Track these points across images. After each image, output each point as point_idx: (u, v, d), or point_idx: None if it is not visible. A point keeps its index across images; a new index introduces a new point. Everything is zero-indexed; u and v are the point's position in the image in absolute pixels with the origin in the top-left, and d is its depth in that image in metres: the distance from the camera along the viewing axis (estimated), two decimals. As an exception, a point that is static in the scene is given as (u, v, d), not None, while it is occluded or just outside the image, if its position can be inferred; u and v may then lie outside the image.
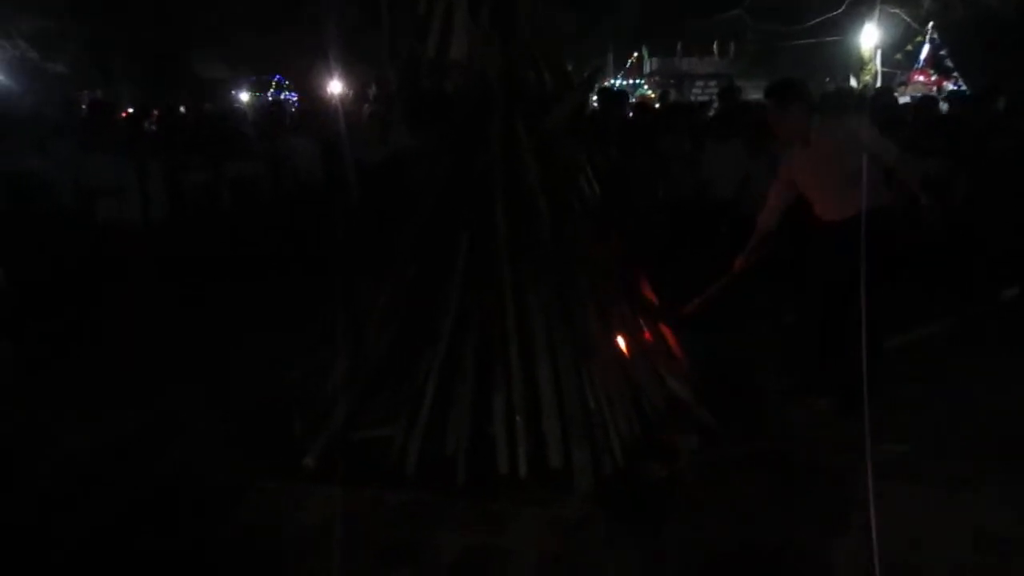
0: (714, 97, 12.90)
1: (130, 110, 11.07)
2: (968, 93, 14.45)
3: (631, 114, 8.46)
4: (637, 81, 26.62)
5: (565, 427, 3.77)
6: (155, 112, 9.67)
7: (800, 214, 4.75)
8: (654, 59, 28.28)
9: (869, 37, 20.72)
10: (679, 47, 28.07)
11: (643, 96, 18.79)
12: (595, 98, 9.10)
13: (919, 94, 13.26)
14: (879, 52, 20.64)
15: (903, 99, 13.61)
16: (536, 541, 3.34)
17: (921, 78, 19.71)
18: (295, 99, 16.78)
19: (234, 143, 7.53)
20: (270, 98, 18.42)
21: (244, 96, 18.90)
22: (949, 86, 18.51)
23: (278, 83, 20.68)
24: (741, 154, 6.96)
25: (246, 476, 3.85)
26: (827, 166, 4.41)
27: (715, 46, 27.69)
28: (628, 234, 4.48)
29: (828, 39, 21.10)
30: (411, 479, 3.75)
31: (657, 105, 11.11)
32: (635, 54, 27.82)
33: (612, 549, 3.28)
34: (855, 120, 4.61)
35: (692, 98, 20.42)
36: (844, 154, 4.34)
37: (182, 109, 11.70)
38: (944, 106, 8.92)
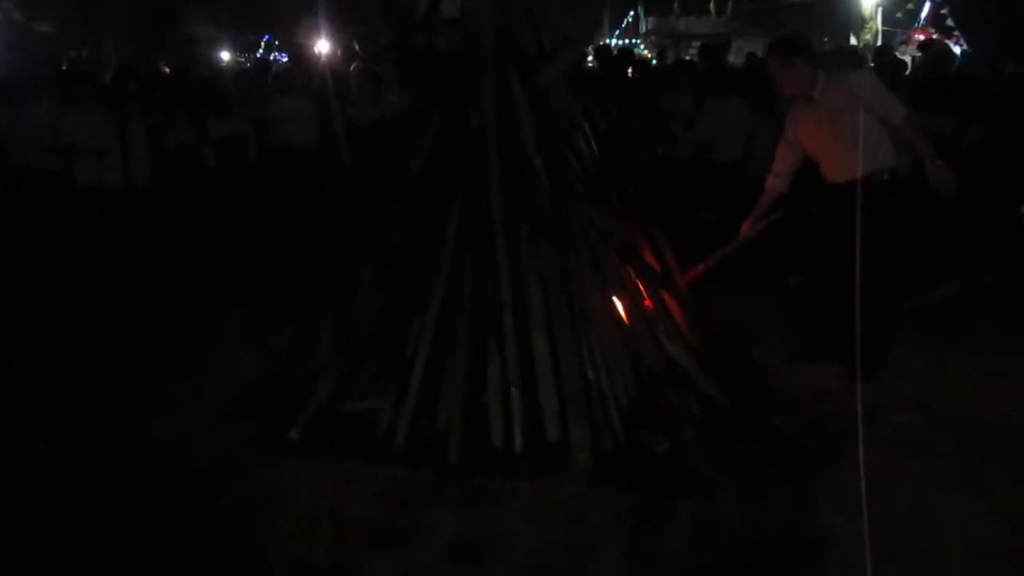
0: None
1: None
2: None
3: (630, 72, 8.23)
4: (633, 41, 26.20)
5: (563, 399, 3.60)
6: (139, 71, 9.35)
7: (808, 176, 4.56)
8: (650, 18, 27.84)
9: (871, -6, 20.34)
10: (676, 6, 27.60)
11: (640, 55, 18.40)
12: (591, 57, 8.82)
13: (919, 54, 12.95)
14: (880, 10, 20.24)
15: (903, 58, 13.31)
16: (534, 520, 3.17)
17: (921, 37, 19.32)
18: (284, 59, 16.36)
19: (218, 103, 7.25)
20: (259, 57, 17.98)
21: (226, 55, 18.44)
22: (952, 46, 18.19)
23: (267, 43, 20.22)
24: (744, 113, 6.75)
25: (229, 451, 3.68)
26: (831, 124, 4.22)
27: (712, 5, 27.24)
28: (627, 195, 4.28)
29: (829, -4, 20.74)
30: (401, 455, 3.58)
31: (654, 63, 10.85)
32: (632, 13, 27.39)
33: (613, 528, 3.12)
34: (860, 76, 4.37)
35: (688, 58, 20.07)
36: (848, 111, 4.15)
37: (166, 69, 11.35)
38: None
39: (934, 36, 18.73)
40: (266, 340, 4.80)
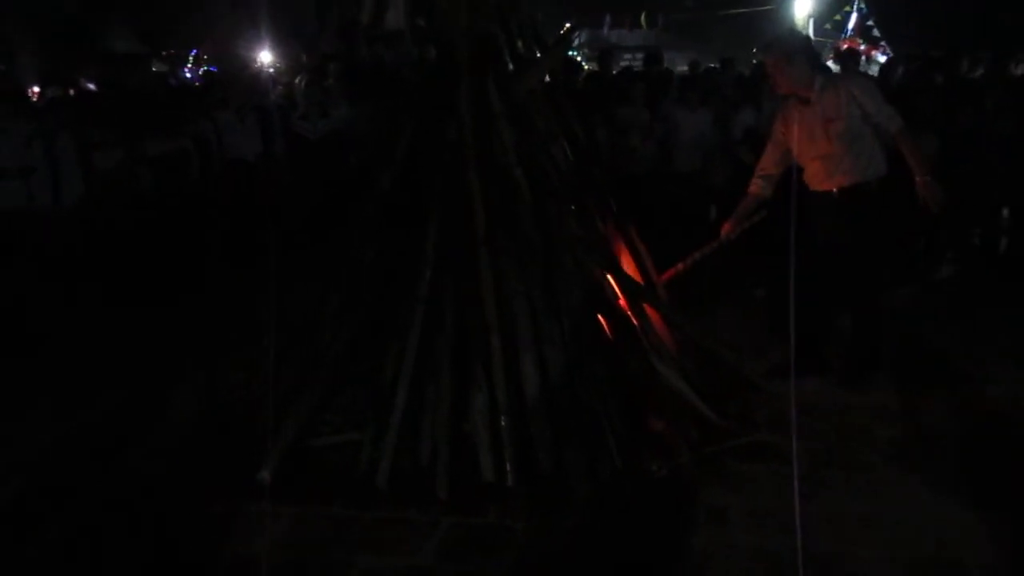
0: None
1: (36, 88, 10.23)
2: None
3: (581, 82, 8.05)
4: (570, 53, 26.31)
5: (555, 427, 3.38)
6: (64, 87, 8.87)
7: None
8: (583, 31, 27.98)
9: (802, 7, 20.72)
10: (607, 19, 27.84)
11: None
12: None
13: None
14: (812, 21, 20.68)
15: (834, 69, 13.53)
16: (535, 562, 2.94)
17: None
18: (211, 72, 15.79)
19: (155, 119, 6.85)
20: (187, 73, 17.37)
21: (157, 69, 17.75)
22: (878, 55, 18.67)
23: (196, 57, 19.58)
24: (707, 124, 6.66)
25: (191, 497, 3.35)
26: (825, 129, 4.08)
27: (643, 18, 27.55)
28: (607, 206, 4.09)
29: (759, 8, 21.08)
30: (384, 493, 3.30)
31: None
32: (567, 25, 27.53)
33: (623, 567, 2.91)
34: (861, 82, 4.25)
35: (615, 71, 20.21)
36: (845, 117, 4.03)
37: (91, 85, 10.82)
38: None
39: (861, 46, 19.23)
40: (223, 370, 4.46)
